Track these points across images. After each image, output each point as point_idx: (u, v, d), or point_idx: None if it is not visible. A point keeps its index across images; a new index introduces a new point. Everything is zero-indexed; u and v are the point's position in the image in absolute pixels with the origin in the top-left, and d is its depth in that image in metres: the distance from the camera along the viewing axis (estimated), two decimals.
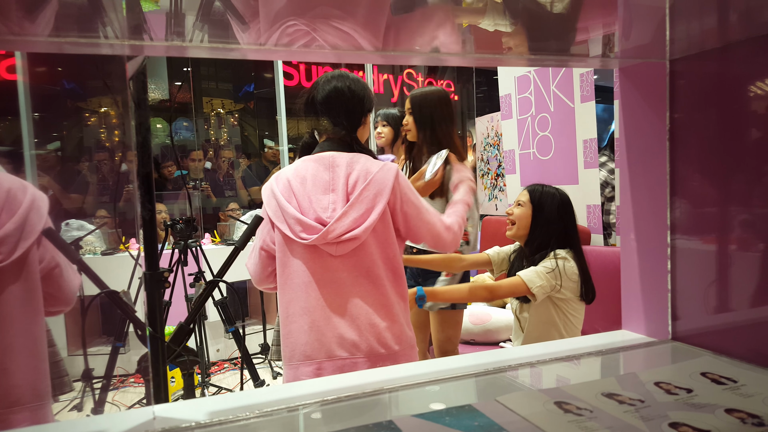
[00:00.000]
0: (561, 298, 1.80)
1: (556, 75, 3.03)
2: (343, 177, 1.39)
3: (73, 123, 4.82)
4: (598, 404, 0.67)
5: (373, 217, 1.37)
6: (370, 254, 1.39)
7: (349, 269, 1.38)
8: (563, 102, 2.99)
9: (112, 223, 3.57)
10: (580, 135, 2.90)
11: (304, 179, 1.40)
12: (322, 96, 1.45)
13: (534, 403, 0.67)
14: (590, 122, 2.85)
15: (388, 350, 1.38)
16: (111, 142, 4.67)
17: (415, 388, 0.77)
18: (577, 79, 2.88)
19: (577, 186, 2.95)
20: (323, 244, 1.35)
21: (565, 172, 3.03)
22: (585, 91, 2.85)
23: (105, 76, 1.07)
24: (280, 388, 0.78)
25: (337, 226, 1.34)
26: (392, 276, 1.43)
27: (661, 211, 0.91)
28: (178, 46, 0.70)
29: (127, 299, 1.38)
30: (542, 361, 0.86)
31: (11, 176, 1.22)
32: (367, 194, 1.38)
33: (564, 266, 1.78)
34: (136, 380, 3.34)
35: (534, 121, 3.27)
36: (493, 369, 0.83)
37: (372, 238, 1.39)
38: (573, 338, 0.98)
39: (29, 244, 1.17)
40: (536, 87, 3.22)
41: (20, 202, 1.18)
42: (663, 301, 0.91)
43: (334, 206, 1.37)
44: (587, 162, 2.88)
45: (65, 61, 1.23)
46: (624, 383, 0.73)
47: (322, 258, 1.37)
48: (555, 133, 3.09)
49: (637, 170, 0.97)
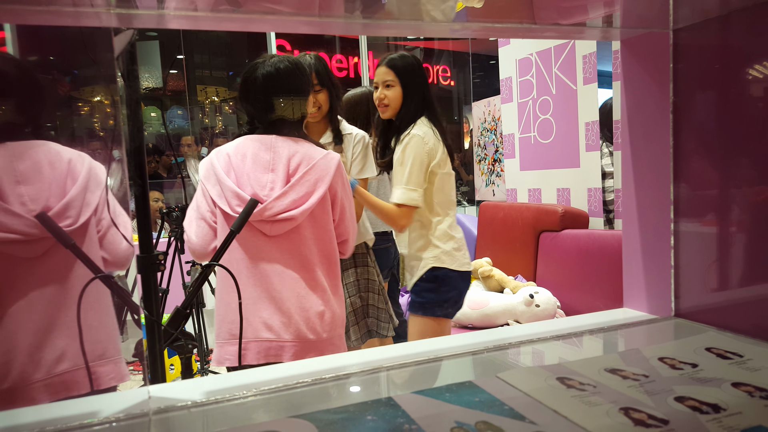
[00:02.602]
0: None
1: (559, 57, 3.00)
2: (284, 158, 1.38)
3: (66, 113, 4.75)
4: (601, 380, 0.65)
5: (312, 200, 1.36)
6: (305, 239, 1.38)
7: (281, 251, 1.37)
8: (566, 84, 2.97)
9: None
10: (582, 118, 2.88)
11: (244, 156, 1.38)
12: (263, 77, 1.40)
13: (536, 379, 0.66)
14: (593, 105, 2.83)
15: (316, 336, 1.37)
16: (105, 131, 4.61)
17: (414, 366, 0.76)
18: (579, 61, 2.86)
19: (578, 169, 2.94)
20: (258, 221, 1.34)
21: (566, 156, 3.02)
22: (587, 73, 2.83)
23: (92, 53, 1.04)
24: (277, 368, 0.77)
25: (275, 205, 1.33)
26: (326, 263, 1.42)
27: (665, 187, 0.90)
28: (169, 15, 0.67)
29: (123, 284, 1.37)
30: (543, 339, 0.85)
31: (69, 148, 1.28)
32: (308, 178, 1.37)
33: (426, 135, 1.79)
34: (135, 368, 3.33)
35: (535, 104, 3.24)
36: (493, 347, 0.82)
37: (308, 222, 1.39)
38: (574, 316, 0.96)
39: (92, 209, 1.24)
40: (538, 69, 3.18)
41: (80, 171, 1.25)
42: (666, 278, 0.90)
43: (272, 185, 1.36)
44: (589, 145, 2.86)
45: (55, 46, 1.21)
46: (627, 359, 0.72)
47: (255, 237, 1.36)
48: (557, 116, 3.07)
49: (640, 146, 0.95)
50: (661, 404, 0.58)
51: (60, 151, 1.26)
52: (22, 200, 1.17)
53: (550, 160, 3.16)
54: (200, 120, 6.09)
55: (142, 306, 1.06)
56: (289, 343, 1.35)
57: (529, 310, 2.59)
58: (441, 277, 1.86)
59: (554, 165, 3.12)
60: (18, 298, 1.17)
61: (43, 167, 1.21)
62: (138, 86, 0.87)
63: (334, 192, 1.43)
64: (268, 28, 0.80)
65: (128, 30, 0.83)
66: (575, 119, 2.92)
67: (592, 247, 2.49)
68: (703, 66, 0.83)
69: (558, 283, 2.71)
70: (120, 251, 1.33)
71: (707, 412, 0.56)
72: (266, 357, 1.34)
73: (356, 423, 0.56)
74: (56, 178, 1.22)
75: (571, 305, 2.61)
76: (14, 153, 1.20)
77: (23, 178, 1.18)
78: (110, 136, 1.30)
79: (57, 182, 1.22)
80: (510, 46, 3.45)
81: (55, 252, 1.21)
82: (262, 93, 1.41)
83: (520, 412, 0.57)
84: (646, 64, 0.91)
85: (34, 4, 0.61)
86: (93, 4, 0.63)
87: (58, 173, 1.23)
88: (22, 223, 1.15)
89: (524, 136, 3.37)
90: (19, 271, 1.18)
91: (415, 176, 1.80)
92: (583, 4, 0.78)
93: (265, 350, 1.34)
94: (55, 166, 1.23)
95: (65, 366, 1.20)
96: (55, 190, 1.21)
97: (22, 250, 1.17)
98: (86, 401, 0.69)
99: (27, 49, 1.32)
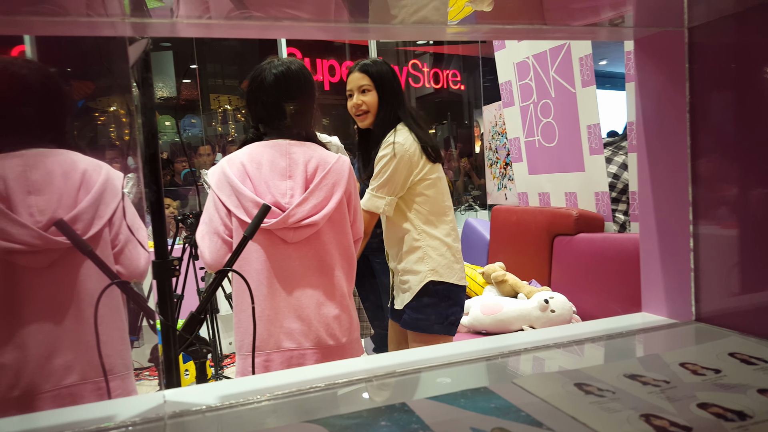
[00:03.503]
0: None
1: (555, 60, 2.97)
2: (301, 164, 1.37)
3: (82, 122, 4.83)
4: (620, 385, 0.64)
5: (331, 204, 1.37)
6: (324, 243, 1.38)
7: (301, 258, 1.36)
8: (564, 87, 2.94)
9: None
10: (584, 120, 2.84)
11: (259, 164, 1.36)
12: (274, 79, 1.38)
13: (553, 385, 0.65)
14: (592, 107, 2.79)
15: (336, 341, 1.37)
16: (121, 141, 4.68)
17: (428, 372, 0.75)
18: (576, 64, 2.81)
19: (583, 173, 2.90)
20: (281, 229, 1.33)
21: (570, 159, 2.98)
22: (585, 75, 2.79)
23: (107, 62, 1.06)
24: (291, 372, 0.76)
25: (298, 211, 1.33)
26: (346, 266, 1.42)
27: (683, 188, 0.88)
28: (182, 23, 0.68)
29: (139, 289, 1.38)
30: (559, 344, 0.83)
31: (88, 158, 1.27)
32: (326, 182, 1.38)
33: (406, 141, 1.74)
34: (151, 373, 3.35)
35: (536, 107, 3.20)
36: (508, 352, 0.81)
37: (327, 226, 1.39)
38: (591, 321, 0.95)
39: (104, 222, 1.23)
40: (536, 73, 3.15)
41: (95, 181, 1.24)
42: (685, 281, 0.88)
43: (292, 192, 1.35)
44: (592, 148, 2.82)
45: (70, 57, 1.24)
46: (647, 364, 0.70)
47: (276, 245, 1.35)
48: (558, 119, 3.04)
49: (656, 147, 0.93)
50: (683, 411, 0.56)
51: (76, 161, 1.25)
52: (30, 211, 1.16)
53: (556, 163, 3.12)
54: (213, 128, 6.15)
55: (158, 311, 1.07)
56: (311, 351, 1.34)
57: (544, 316, 2.56)
58: (441, 292, 1.79)
59: (560, 169, 3.09)
60: (25, 309, 1.16)
61: (55, 177, 1.20)
62: (152, 94, 0.87)
63: (348, 194, 1.43)
64: (281, 35, 0.81)
65: (143, 39, 0.84)
66: (576, 122, 2.88)
67: (609, 250, 2.45)
68: (719, 65, 0.82)
69: (573, 288, 2.67)
70: (139, 266, 1.32)
71: (732, 420, 0.54)
72: (289, 366, 1.33)
73: (370, 428, 0.55)
74: (68, 189, 1.21)
75: (587, 310, 2.58)
76: (29, 162, 1.20)
77: (35, 188, 1.18)
78: (125, 143, 1.30)
79: (68, 193, 1.21)
80: (506, 50, 3.41)
81: (63, 262, 1.20)
82: (273, 96, 1.39)
83: (537, 419, 0.56)
84: (661, 64, 0.90)
85: (50, 15, 0.62)
86: (108, 14, 0.64)
87: (71, 184, 1.22)
88: (27, 234, 1.14)
89: (529, 140, 3.34)
90: (27, 282, 1.17)
91: (388, 184, 1.75)
92: (594, 5, 0.77)
93: (288, 360, 1.33)
94: (68, 176, 1.22)
95: (73, 379, 1.19)
96: (66, 200, 1.20)
97: (27, 260, 1.16)
98: (102, 405, 0.69)
99: (45, 60, 1.34)
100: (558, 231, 2.85)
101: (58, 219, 1.17)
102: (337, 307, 1.38)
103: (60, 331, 1.20)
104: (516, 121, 3.43)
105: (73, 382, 1.20)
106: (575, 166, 2.94)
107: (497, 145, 4.24)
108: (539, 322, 2.57)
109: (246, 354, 1.34)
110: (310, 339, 1.34)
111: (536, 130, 3.24)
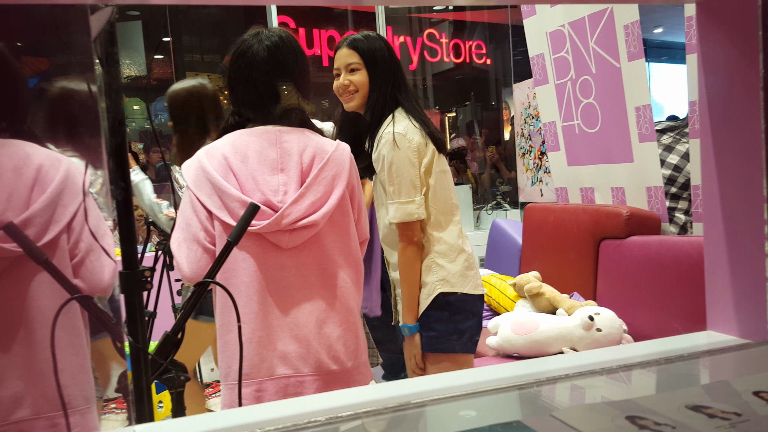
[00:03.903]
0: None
1: (595, 28, 2.91)
2: (295, 155, 1.37)
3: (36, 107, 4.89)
4: (681, 419, 0.64)
5: (332, 201, 1.37)
6: (326, 248, 1.38)
7: (298, 266, 1.36)
8: (606, 61, 2.89)
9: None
10: (631, 101, 2.78)
11: (245, 156, 1.35)
12: (263, 56, 1.37)
13: (600, 418, 0.65)
14: (641, 85, 2.73)
15: (340, 366, 1.37)
16: (82, 128, 4.73)
17: (449, 403, 0.75)
18: (621, 33, 2.75)
19: (632, 164, 2.86)
20: (273, 232, 1.33)
21: (616, 148, 2.94)
22: (632, 46, 2.72)
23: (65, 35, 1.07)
24: (286, 404, 0.77)
25: (293, 210, 1.32)
26: (352, 275, 1.42)
27: (756, 181, 0.88)
28: None
29: (103, 305, 1.39)
30: (607, 370, 0.84)
31: (44, 150, 1.27)
32: (324, 175, 1.37)
33: (407, 130, 1.75)
34: (118, 405, 3.39)
35: (575, 86, 3.16)
36: (546, 379, 0.81)
37: (328, 228, 1.39)
38: (645, 342, 0.95)
39: (61, 227, 1.23)
40: (573, 44, 3.10)
41: (52, 178, 1.23)
42: (760, 294, 0.88)
43: (285, 188, 1.34)
44: (642, 134, 2.75)
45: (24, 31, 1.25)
46: (714, 393, 0.70)
47: (268, 252, 1.35)
48: (600, 99, 2.99)
49: (724, 134, 0.93)
50: None
51: (30, 154, 1.24)
52: None
53: (600, 153, 3.07)
54: None
55: (126, 332, 1.07)
56: (310, 377, 1.34)
57: (588, 335, 2.55)
58: (454, 303, 1.79)
59: (604, 159, 3.04)
60: None
61: (4, 173, 1.20)
62: (119, 73, 0.88)
63: (351, 188, 1.43)
64: (267, 1, 0.81)
65: (107, 7, 0.85)
66: (622, 103, 2.83)
67: (666, 256, 2.44)
68: None
69: (623, 302, 2.66)
70: (103, 280, 1.32)
71: None
72: (285, 397, 1.33)
73: None
74: (19, 187, 1.20)
75: (640, 329, 2.57)
76: None
77: None
78: (87, 132, 1.31)
79: (19, 192, 1.20)
80: (536, 16, 3.38)
81: (10, 274, 1.19)
82: (264, 74, 1.38)
83: None
84: (729, 32, 0.89)
85: None
86: None
87: (23, 181, 1.21)
88: None
89: (567, 125, 3.30)
90: None
91: (407, 184, 1.75)
92: None
93: (283, 389, 1.33)
94: (20, 172, 1.21)
95: (23, 413, 1.19)
96: (16, 201, 1.19)
97: None
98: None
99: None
100: (604, 234, 2.84)
101: (8, 222, 1.17)
102: (341, 324, 1.38)
103: (8, 357, 1.19)
104: (551, 102, 3.41)
105: (24, 416, 1.19)
106: (622, 156, 2.91)
107: (531, 130, 4.23)
108: (582, 343, 2.57)
109: (233, 383, 1.35)
110: (308, 363, 1.34)
111: (575, 113, 3.21)
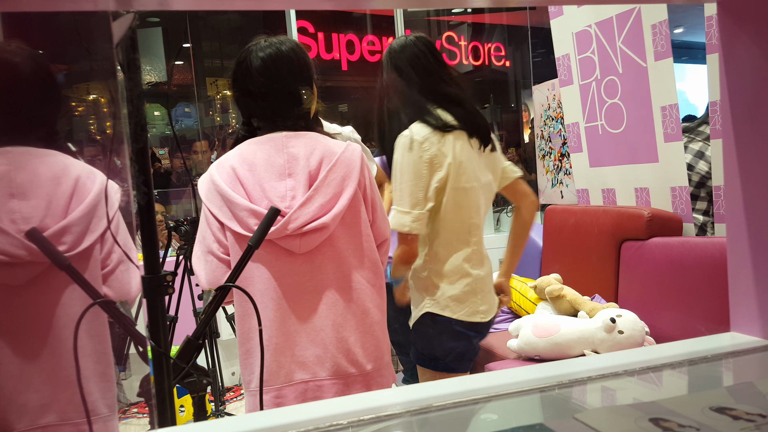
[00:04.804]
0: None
1: (623, 28, 2.93)
2: (302, 159, 1.37)
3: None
4: (706, 420, 0.63)
5: (342, 202, 1.36)
6: (340, 250, 1.38)
7: (313, 270, 1.36)
8: (633, 61, 2.89)
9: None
10: (657, 101, 2.79)
11: (252, 165, 1.36)
12: (258, 66, 1.39)
13: (623, 421, 0.64)
14: (668, 85, 2.73)
15: (359, 369, 1.37)
16: (103, 135, 4.82)
17: (470, 406, 0.75)
18: (648, 32, 2.76)
19: (657, 165, 2.85)
20: (284, 237, 1.33)
21: (641, 148, 2.93)
22: (659, 46, 2.73)
23: (87, 42, 1.09)
24: (306, 407, 0.77)
25: (301, 214, 1.32)
26: (370, 275, 1.42)
27: None
28: None
29: (126, 310, 1.41)
30: (629, 371, 0.83)
31: (80, 162, 1.30)
32: (333, 176, 1.37)
33: (423, 137, 1.67)
34: (140, 410, 3.43)
35: (600, 86, 3.17)
36: (568, 382, 0.81)
37: (341, 230, 1.38)
38: (668, 343, 0.93)
39: (96, 237, 1.26)
40: (599, 44, 3.12)
41: (89, 190, 1.27)
42: None
43: (293, 193, 1.35)
44: (668, 134, 2.75)
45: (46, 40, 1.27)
46: (738, 395, 0.69)
47: (281, 258, 1.35)
48: (626, 99, 2.99)
49: (747, 134, 0.92)
50: None
51: (68, 165, 1.26)
52: (12, 217, 1.17)
53: (624, 153, 3.07)
54: (211, 118, 6.26)
55: (148, 336, 1.08)
56: (329, 381, 1.35)
57: (610, 338, 2.53)
58: (440, 325, 1.74)
59: (629, 159, 3.04)
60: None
61: (44, 182, 1.21)
62: (140, 79, 0.90)
63: (363, 188, 1.43)
64: (286, 5, 0.82)
65: (128, 13, 0.87)
66: (648, 103, 2.83)
67: (688, 258, 2.41)
68: None
69: (646, 304, 2.64)
70: (131, 291, 1.34)
71: None
72: (305, 401, 1.34)
73: None
74: (58, 196, 1.22)
75: (662, 330, 2.54)
76: (15, 160, 1.20)
77: (19, 192, 1.18)
78: (109, 138, 1.33)
79: (57, 201, 1.22)
80: (563, 17, 3.39)
81: (43, 280, 1.21)
82: (261, 84, 1.39)
83: None
84: (751, 31, 0.88)
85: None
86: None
87: (62, 191, 1.23)
88: (8, 242, 1.14)
89: (591, 125, 3.30)
90: (0, 301, 1.17)
91: (409, 192, 1.65)
92: None
93: (302, 394, 1.34)
94: (59, 182, 1.23)
95: (50, 419, 1.21)
96: (55, 209, 1.21)
97: (4, 275, 1.16)
98: None
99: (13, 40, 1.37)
100: (626, 235, 2.82)
101: (31, 229, 1.18)
102: (358, 327, 1.38)
103: (38, 363, 1.21)
104: (575, 103, 3.41)
105: (50, 422, 1.21)
106: (647, 157, 2.89)
107: (550, 132, 4.21)
108: (604, 345, 2.54)
109: (255, 390, 1.35)
110: (326, 368, 1.35)
111: (599, 114, 3.20)
